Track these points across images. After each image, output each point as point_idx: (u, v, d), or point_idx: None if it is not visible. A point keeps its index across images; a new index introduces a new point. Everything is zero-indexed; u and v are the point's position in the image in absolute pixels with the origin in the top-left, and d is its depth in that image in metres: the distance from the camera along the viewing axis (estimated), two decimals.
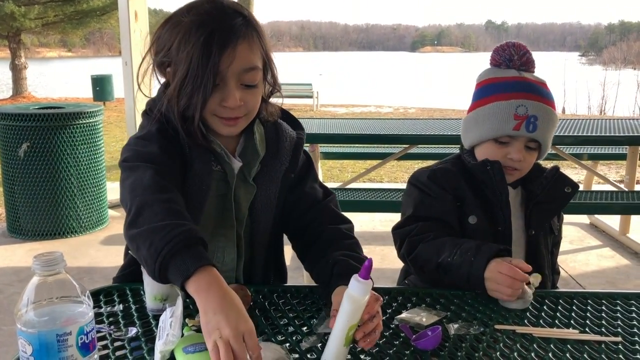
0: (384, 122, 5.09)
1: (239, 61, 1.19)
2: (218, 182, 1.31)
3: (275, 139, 1.37)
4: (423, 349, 1.05)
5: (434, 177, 1.49)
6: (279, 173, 1.36)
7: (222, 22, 1.18)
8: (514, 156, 1.43)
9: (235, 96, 1.21)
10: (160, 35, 1.24)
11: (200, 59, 1.16)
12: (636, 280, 3.56)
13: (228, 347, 0.89)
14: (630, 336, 1.11)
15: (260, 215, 1.36)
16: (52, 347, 0.82)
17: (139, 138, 1.25)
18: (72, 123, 4.11)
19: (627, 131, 3.73)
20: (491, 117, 1.44)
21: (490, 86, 1.47)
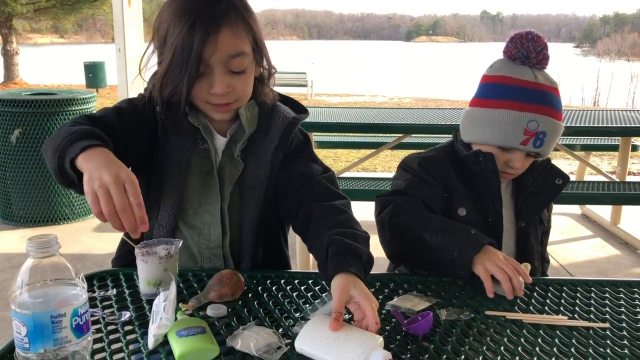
0: (378, 111, 5.09)
1: (223, 48, 1.20)
2: (203, 159, 1.35)
3: (268, 118, 1.38)
4: (414, 333, 1.06)
5: (425, 165, 1.48)
6: (268, 151, 1.36)
7: (204, 10, 1.18)
8: (515, 164, 1.43)
9: (223, 83, 1.23)
10: (156, 23, 1.25)
11: (184, 49, 1.17)
12: (626, 270, 3.60)
13: (107, 193, 0.94)
14: (618, 322, 1.13)
15: (249, 193, 1.37)
16: (47, 328, 0.82)
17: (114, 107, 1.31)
18: (65, 109, 4.09)
19: (620, 122, 3.75)
20: (501, 125, 1.40)
21: (504, 88, 1.42)
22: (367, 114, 4.28)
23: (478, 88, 1.50)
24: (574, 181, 3.86)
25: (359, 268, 1.10)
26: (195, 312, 1.13)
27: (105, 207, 0.96)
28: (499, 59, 1.49)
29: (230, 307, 1.15)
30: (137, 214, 0.98)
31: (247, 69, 1.26)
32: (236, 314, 1.13)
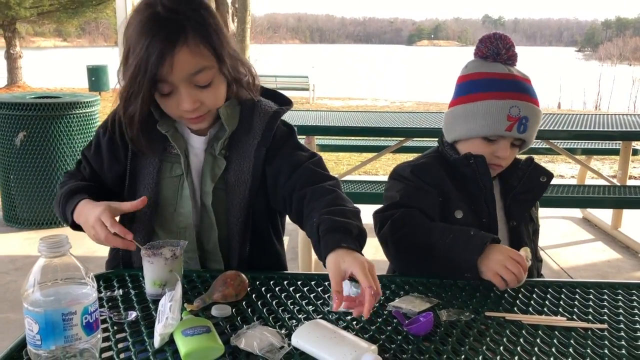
0: (379, 115, 5.11)
1: (181, 68, 1.22)
2: (173, 164, 1.39)
3: (249, 115, 1.41)
4: (415, 334, 1.08)
5: (418, 172, 1.49)
6: (251, 147, 1.39)
7: (160, 30, 1.20)
8: (501, 154, 1.46)
9: (190, 100, 1.26)
10: (123, 40, 1.28)
11: (140, 70, 1.20)
12: (627, 273, 3.61)
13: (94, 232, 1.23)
14: (616, 323, 1.15)
15: (234, 189, 1.39)
16: (58, 326, 0.85)
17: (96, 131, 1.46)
18: (69, 113, 4.11)
19: (620, 126, 3.77)
20: (485, 115, 1.44)
21: (481, 82, 1.47)
22: (368, 118, 4.30)
23: (455, 89, 1.54)
24: (575, 185, 3.88)
25: (350, 241, 1.14)
26: (200, 312, 1.15)
27: (97, 241, 1.26)
28: (471, 60, 1.54)
29: (234, 307, 1.17)
30: (117, 231, 1.22)
31: (213, 81, 1.28)
32: (240, 314, 1.15)
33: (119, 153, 1.40)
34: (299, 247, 3.46)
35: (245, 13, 11.21)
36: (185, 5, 1.24)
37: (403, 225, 1.41)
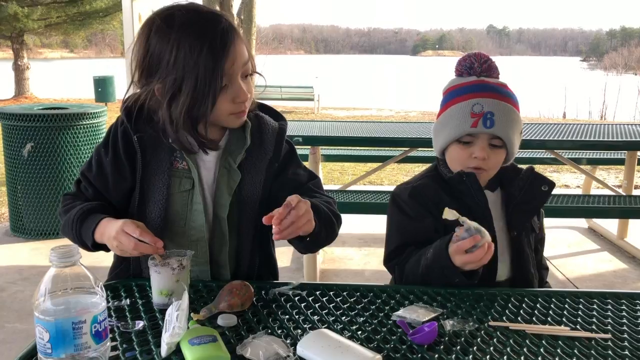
0: (384, 125, 5.13)
1: (240, 57, 1.30)
2: (182, 178, 1.40)
3: (258, 129, 1.45)
4: (419, 343, 1.09)
5: (415, 195, 1.51)
6: (264, 163, 1.43)
7: (214, 28, 1.27)
8: (477, 154, 1.46)
9: (245, 90, 1.32)
10: (150, 51, 1.28)
11: (208, 68, 1.24)
12: (633, 283, 3.60)
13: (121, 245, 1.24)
14: (620, 333, 1.15)
15: (247, 202, 1.42)
16: (68, 334, 0.86)
17: (96, 150, 1.44)
18: (76, 124, 4.15)
19: (625, 136, 3.77)
20: (451, 119, 1.49)
21: (451, 92, 1.53)
22: (373, 128, 4.32)
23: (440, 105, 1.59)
24: (580, 195, 3.88)
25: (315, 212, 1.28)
26: (207, 321, 1.16)
27: (125, 254, 1.29)
28: (454, 78, 1.58)
29: (240, 316, 1.18)
30: (147, 239, 1.23)
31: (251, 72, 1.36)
32: (246, 324, 1.16)
33: (125, 171, 1.40)
34: (304, 258, 3.47)
35: (251, 24, 11.28)
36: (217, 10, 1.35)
37: (404, 267, 1.48)
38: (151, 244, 1.23)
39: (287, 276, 3.50)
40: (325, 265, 3.78)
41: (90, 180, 1.44)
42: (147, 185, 1.39)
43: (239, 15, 11.30)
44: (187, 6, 1.31)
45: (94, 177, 1.43)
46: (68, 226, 1.40)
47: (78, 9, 17.43)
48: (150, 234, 1.24)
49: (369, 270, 3.69)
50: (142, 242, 1.23)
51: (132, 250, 1.24)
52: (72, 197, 1.47)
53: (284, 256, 3.82)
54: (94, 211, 1.37)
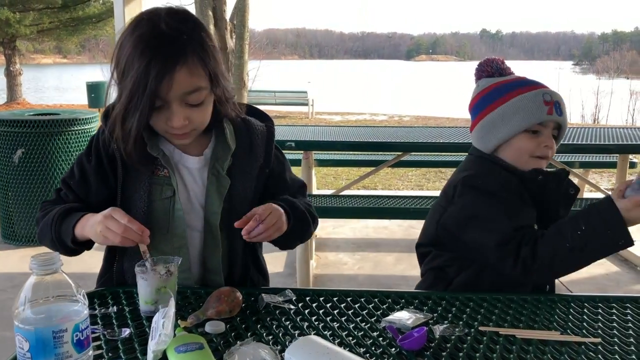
0: (378, 129, 5.14)
1: (178, 87, 1.23)
2: (163, 186, 1.39)
3: (246, 134, 1.44)
4: (409, 349, 1.08)
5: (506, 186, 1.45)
6: (254, 169, 1.43)
7: (160, 47, 1.21)
8: (548, 142, 1.48)
9: (179, 117, 1.27)
10: (114, 58, 1.29)
11: (139, 86, 1.21)
12: (626, 286, 3.60)
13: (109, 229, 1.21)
14: (610, 337, 1.15)
15: (237, 208, 1.40)
16: (49, 343, 0.85)
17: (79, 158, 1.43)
18: (67, 130, 4.13)
19: (618, 140, 3.79)
20: (523, 107, 1.47)
21: (505, 86, 1.52)
22: (367, 132, 4.32)
23: (474, 109, 1.58)
24: None
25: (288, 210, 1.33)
26: (194, 328, 1.15)
27: (113, 237, 1.23)
28: (479, 81, 1.59)
29: (228, 323, 1.17)
30: (134, 227, 1.22)
31: (204, 101, 1.30)
32: (234, 330, 1.15)
33: (108, 178, 1.39)
34: (297, 263, 3.46)
35: (244, 29, 11.28)
36: (186, 24, 1.26)
37: (535, 246, 1.35)
38: (138, 232, 1.22)
39: (280, 282, 3.50)
40: (318, 271, 3.77)
41: (72, 187, 1.42)
42: (128, 193, 1.38)
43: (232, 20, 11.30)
44: (156, 17, 1.25)
45: (76, 184, 1.42)
46: (47, 227, 1.37)
47: (71, 15, 17.41)
48: (138, 222, 1.23)
49: (363, 275, 3.68)
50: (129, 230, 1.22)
51: (121, 234, 1.21)
52: (51, 203, 1.45)
53: (277, 261, 3.80)
54: (76, 210, 1.36)
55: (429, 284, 1.58)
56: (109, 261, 1.46)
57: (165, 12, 1.26)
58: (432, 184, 6.63)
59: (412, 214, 3.49)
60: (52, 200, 1.46)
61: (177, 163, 1.41)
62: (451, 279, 1.52)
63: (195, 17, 1.33)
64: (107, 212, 1.25)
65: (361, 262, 3.90)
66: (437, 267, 1.56)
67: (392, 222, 4.72)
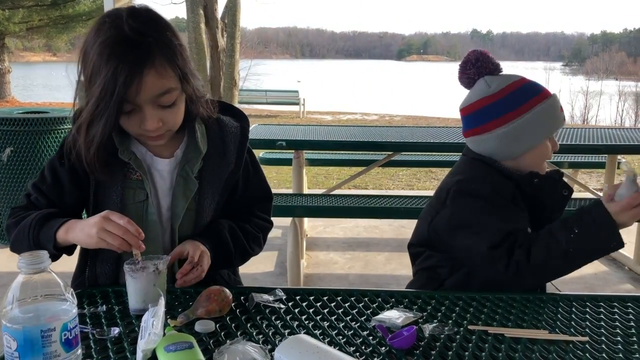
0: (368, 129, 5.14)
1: (148, 90, 1.22)
2: (135, 189, 1.38)
3: (219, 136, 1.43)
4: (398, 348, 1.08)
5: (498, 190, 1.46)
6: (224, 173, 1.42)
7: (127, 53, 1.19)
8: (556, 146, 1.54)
9: (153, 120, 1.26)
10: (80, 63, 1.27)
11: (107, 92, 1.19)
12: (614, 286, 3.63)
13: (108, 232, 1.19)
14: (597, 336, 1.16)
15: (205, 210, 1.41)
16: (37, 342, 0.84)
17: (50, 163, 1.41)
18: (56, 128, 4.10)
19: (607, 140, 3.81)
20: (548, 116, 1.50)
21: (520, 92, 1.49)
22: (358, 132, 4.32)
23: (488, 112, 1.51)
24: None
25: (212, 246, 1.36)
26: (184, 327, 1.15)
27: (112, 239, 1.20)
28: (488, 78, 1.54)
29: (218, 322, 1.17)
30: (132, 229, 1.21)
31: (176, 101, 1.29)
32: (224, 329, 1.15)
33: (82, 181, 1.37)
34: (288, 263, 3.46)
35: (235, 28, 11.27)
36: (151, 26, 1.24)
37: (528, 248, 1.36)
38: (135, 234, 1.21)
39: (270, 281, 3.50)
40: (309, 270, 3.77)
41: (44, 192, 1.40)
42: (100, 197, 1.37)
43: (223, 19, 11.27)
44: (118, 20, 1.21)
45: (49, 188, 1.40)
46: (23, 233, 1.33)
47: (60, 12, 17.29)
48: (135, 225, 1.22)
49: (353, 274, 3.68)
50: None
51: (121, 236, 1.20)
52: (22, 209, 1.41)
53: (268, 261, 3.80)
54: (55, 215, 1.34)
55: (421, 284, 1.59)
56: (81, 266, 1.45)
57: (128, 14, 1.22)
58: (423, 184, 6.65)
59: (402, 214, 3.49)
60: (22, 205, 1.43)
61: (149, 166, 1.40)
62: (442, 279, 1.53)
63: (160, 16, 1.29)
64: (104, 214, 1.23)
65: (352, 262, 3.90)
66: (428, 268, 1.57)
67: (382, 222, 4.73)
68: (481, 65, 1.53)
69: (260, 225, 1.52)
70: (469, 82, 1.56)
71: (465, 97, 1.58)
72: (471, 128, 1.55)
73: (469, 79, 1.55)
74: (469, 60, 1.55)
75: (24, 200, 1.43)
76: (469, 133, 1.56)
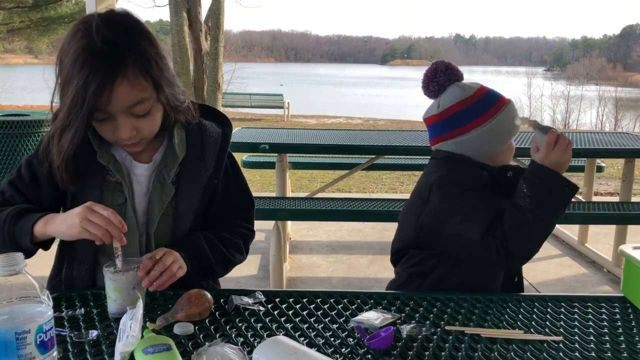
0: (352, 132, 5.16)
1: (120, 101, 1.21)
2: (114, 192, 1.37)
3: (199, 141, 1.42)
4: (376, 348, 1.09)
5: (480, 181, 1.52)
6: (202, 178, 1.41)
7: (96, 65, 1.17)
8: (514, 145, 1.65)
9: (126, 129, 1.26)
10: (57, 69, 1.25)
11: (76, 105, 1.18)
12: (593, 287, 3.69)
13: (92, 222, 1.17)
14: (571, 335, 1.18)
15: (182, 216, 1.40)
16: (11, 345, 0.84)
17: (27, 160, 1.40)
18: (37, 131, 4.06)
19: (586, 144, 3.87)
20: (515, 113, 1.59)
21: (491, 94, 1.59)
22: (342, 136, 4.35)
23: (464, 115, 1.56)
24: None
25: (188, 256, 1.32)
26: (163, 329, 1.15)
27: (95, 229, 1.18)
28: (461, 84, 1.61)
29: (197, 325, 1.17)
30: (115, 220, 1.19)
31: (151, 110, 1.28)
32: (203, 331, 1.15)
33: (58, 181, 1.35)
34: (271, 266, 3.46)
35: (219, 31, 11.25)
36: (125, 34, 1.21)
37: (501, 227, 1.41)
38: (118, 226, 1.19)
39: (253, 284, 3.49)
40: (292, 273, 3.77)
41: (20, 189, 1.38)
42: (79, 199, 1.34)
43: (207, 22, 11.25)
44: (92, 28, 1.19)
45: (26, 186, 1.38)
46: None
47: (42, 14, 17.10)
48: (118, 215, 1.20)
49: (336, 277, 3.69)
50: None
51: (105, 226, 1.18)
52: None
53: (251, 264, 3.79)
54: (31, 210, 1.32)
55: (403, 281, 1.61)
56: (58, 267, 1.44)
57: (103, 22, 1.20)
58: (406, 187, 6.68)
59: (385, 217, 3.51)
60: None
61: (128, 169, 1.39)
62: (426, 274, 1.55)
63: (137, 23, 1.26)
64: (87, 204, 1.21)
65: (335, 265, 3.91)
66: (412, 265, 1.60)
67: (365, 225, 4.75)
68: (451, 73, 1.61)
69: (239, 232, 1.50)
70: (438, 90, 1.62)
71: (435, 104, 1.63)
72: (450, 131, 1.59)
73: (439, 86, 1.61)
74: (438, 69, 1.62)
75: None
76: (447, 136, 1.59)
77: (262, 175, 6.73)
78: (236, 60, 19.22)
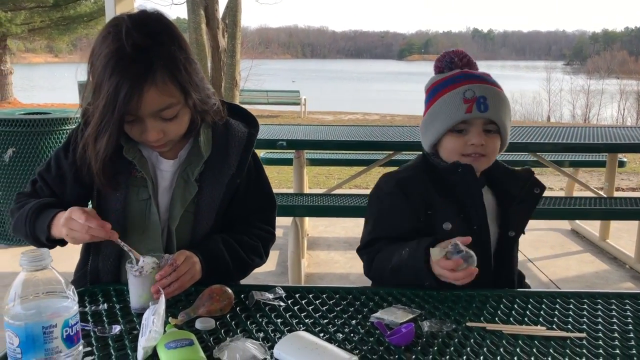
0: (369, 129, 5.13)
1: (148, 106, 1.23)
2: (140, 187, 1.39)
3: (224, 140, 1.42)
4: (397, 344, 1.09)
5: (401, 186, 1.49)
6: (225, 177, 1.41)
7: (129, 68, 1.18)
8: (474, 141, 1.43)
9: (154, 132, 1.28)
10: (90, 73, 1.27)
11: (108, 110, 1.20)
12: (614, 284, 3.64)
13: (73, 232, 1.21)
14: (595, 332, 1.17)
15: (203, 214, 1.42)
16: (38, 339, 0.85)
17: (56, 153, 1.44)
18: (58, 129, 4.11)
19: (607, 139, 3.82)
20: (442, 109, 1.45)
21: (437, 86, 1.50)
22: (359, 132, 4.33)
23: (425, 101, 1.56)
24: (563, 197, 3.91)
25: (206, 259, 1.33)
26: (185, 325, 1.16)
27: (81, 237, 1.24)
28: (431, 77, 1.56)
29: (218, 320, 1.18)
30: (93, 225, 1.21)
31: (178, 114, 1.29)
32: (224, 327, 1.16)
33: (84, 177, 1.38)
34: (289, 262, 3.47)
35: (236, 29, 11.27)
36: (155, 40, 1.22)
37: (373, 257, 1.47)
38: (99, 228, 1.21)
39: (271, 280, 3.51)
40: (310, 269, 3.78)
41: (48, 182, 1.43)
42: (104, 193, 1.38)
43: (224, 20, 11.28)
44: (122, 32, 1.20)
45: (52, 179, 1.42)
46: (21, 221, 1.36)
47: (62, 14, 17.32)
48: (97, 219, 1.22)
49: (354, 274, 3.69)
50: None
51: (84, 234, 1.21)
52: (27, 196, 1.44)
53: (269, 260, 3.75)
54: (51, 205, 1.35)
55: None
56: (84, 259, 1.47)
57: (133, 25, 1.21)
58: None
59: None
60: (27, 192, 1.45)
61: (153, 165, 1.41)
62: None
63: (167, 25, 1.27)
64: (67, 213, 1.24)
65: (353, 261, 3.91)
66: None
67: None
68: (436, 65, 1.56)
69: (259, 235, 1.50)
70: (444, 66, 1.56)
71: None
72: None
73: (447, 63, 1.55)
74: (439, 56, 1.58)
75: (29, 187, 1.45)
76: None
77: (280, 172, 6.75)
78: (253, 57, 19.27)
